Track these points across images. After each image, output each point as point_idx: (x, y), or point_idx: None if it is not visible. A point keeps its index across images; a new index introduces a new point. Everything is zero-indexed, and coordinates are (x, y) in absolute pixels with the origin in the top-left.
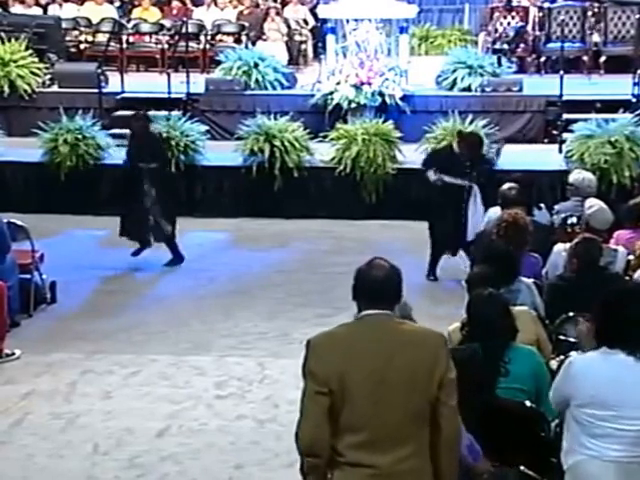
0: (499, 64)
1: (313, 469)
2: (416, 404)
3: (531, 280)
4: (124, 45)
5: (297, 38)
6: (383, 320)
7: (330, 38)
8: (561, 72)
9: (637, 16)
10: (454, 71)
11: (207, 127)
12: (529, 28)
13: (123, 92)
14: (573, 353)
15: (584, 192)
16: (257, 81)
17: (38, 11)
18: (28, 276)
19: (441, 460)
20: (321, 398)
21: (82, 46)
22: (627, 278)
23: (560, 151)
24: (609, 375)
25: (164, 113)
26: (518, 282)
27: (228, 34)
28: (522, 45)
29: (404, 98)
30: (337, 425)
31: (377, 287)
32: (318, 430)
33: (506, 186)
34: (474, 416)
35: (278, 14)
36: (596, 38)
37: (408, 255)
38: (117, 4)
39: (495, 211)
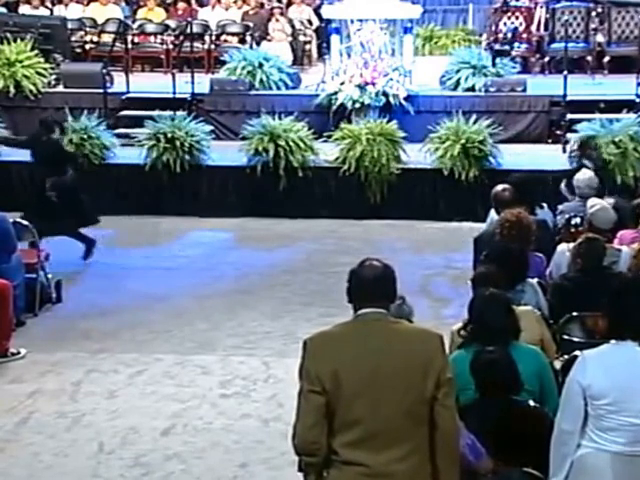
0: (493, 64)
1: (309, 468)
2: (411, 403)
3: (535, 280)
4: (129, 45)
5: (301, 38)
6: (378, 319)
7: (334, 38)
8: (565, 72)
9: None
10: (458, 71)
11: (212, 127)
12: (533, 28)
13: (128, 92)
14: (577, 352)
15: (587, 192)
16: (262, 81)
17: (45, 12)
18: (34, 275)
19: (439, 460)
20: (316, 397)
21: (87, 46)
22: None
23: (564, 151)
24: (622, 366)
25: (169, 113)
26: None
27: (233, 34)
28: (523, 45)
29: (408, 98)
30: (332, 424)
31: (371, 286)
32: (313, 430)
33: (499, 187)
34: (488, 418)
35: (282, 14)
36: (600, 38)
37: (412, 255)
38: (122, 5)
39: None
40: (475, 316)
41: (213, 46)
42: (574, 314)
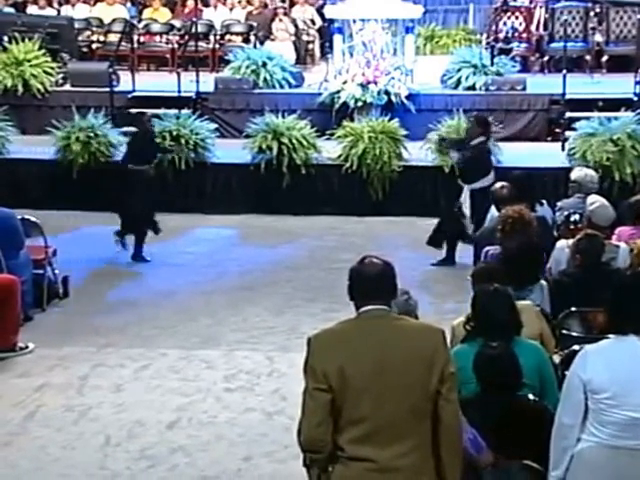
0: (492, 63)
1: (314, 463)
2: (415, 399)
3: (545, 283)
4: (135, 45)
5: (305, 38)
6: (381, 315)
7: (337, 38)
8: (564, 71)
9: (639, 16)
10: (459, 70)
11: (216, 125)
12: (533, 28)
13: (134, 91)
14: (576, 347)
15: (586, 189)
16: (265, 80)
17: (52, 12)
18: (41, 271)
19: (443, 454)
20: (321, 394)
21: (94, 46)
22: None
23: (563, 149)
24: (623, 361)
25: (174, 111)
26: None
27: (237, 34)
28: (523, 44)
29: (410, 97)
30: (338, 420)
31: (372, 283)
32: (319, 427)
33: (498, 185)
34: (490, 412)
35: (286, 14)
36: (598, 38)
37: (413, 251)
38: (128, 5)
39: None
40: (478, 311)
41: (217, 45)
42: (573, 309)
